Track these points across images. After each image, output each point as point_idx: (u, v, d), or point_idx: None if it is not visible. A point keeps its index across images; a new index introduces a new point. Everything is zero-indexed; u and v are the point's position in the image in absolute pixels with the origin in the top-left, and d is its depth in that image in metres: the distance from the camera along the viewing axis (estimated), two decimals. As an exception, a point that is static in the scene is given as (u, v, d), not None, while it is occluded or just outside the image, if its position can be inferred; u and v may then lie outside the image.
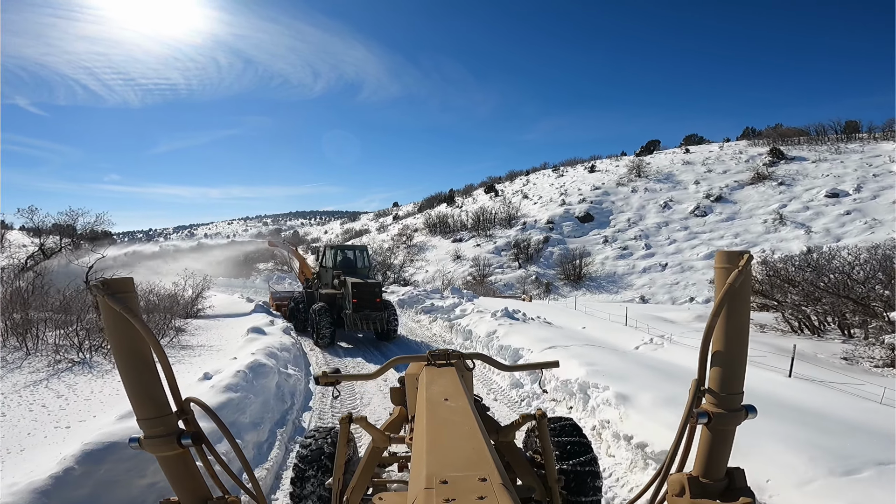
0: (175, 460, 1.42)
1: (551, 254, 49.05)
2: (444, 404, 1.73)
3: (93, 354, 8.05)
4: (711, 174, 58.86)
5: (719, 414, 1.38)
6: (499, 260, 49.81)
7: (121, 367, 1.38)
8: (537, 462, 2.65)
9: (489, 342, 9.84)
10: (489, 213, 60.78)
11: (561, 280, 44.66)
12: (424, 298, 16.14)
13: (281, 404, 6.61)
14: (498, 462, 1.22)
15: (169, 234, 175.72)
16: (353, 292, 11.04)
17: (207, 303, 15.39)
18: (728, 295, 1.34)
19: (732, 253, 1.36)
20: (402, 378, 2.87)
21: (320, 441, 3.00)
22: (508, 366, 2.76)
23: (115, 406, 5.28)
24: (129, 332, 1.35)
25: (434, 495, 1.01)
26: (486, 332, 10.32)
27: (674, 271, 41.62)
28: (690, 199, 53.14)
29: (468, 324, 11.49)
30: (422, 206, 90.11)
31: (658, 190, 57.38)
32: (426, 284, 47.01)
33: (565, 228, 53.34)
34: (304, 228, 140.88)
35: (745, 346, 1.40)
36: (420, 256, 51.70)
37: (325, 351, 10.73)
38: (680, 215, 50.91)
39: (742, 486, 1.39)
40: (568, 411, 6.67)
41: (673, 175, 61.13)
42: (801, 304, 13.46)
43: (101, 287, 1.33)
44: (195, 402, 1.50)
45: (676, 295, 38.32)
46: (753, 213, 48.35)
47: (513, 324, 10.67)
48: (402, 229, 69.83)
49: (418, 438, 1.45)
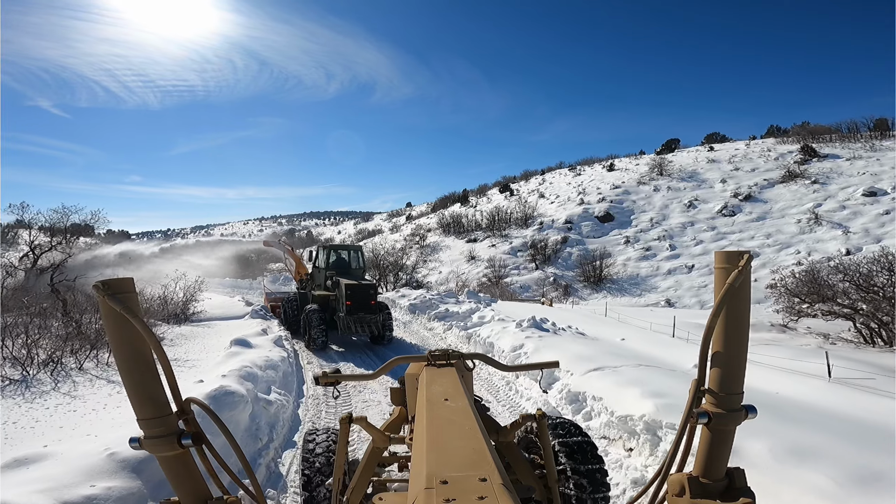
0: (175, 460, 1.41)
1: (570, 255, 47.11)
2: (444, 404, 1.72)
3: (41, 369, 6.69)
4: (739, 172, 56.22)
5: (719, 414, 1.36)
6: (515, 261, 48.03)
7: (121, 368, 1.37)
8: (537, 462, 2.64)
9: (516, 359, 8.25)
10: (504, 213, 58.99)
11: (580, 282, 42.73)
12: (438, 303, 14.59)
13: (253, 443, 5.13)
14: (498, 462, 1.20)
15: (186, 233, 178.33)
16: (347, 294, 10.57)
17: (201, 306, 14.13)
18: (728, 295, 1.33)
19: (732, 253, 1.35)
20: (402, 378, 2.80)
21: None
22: (509, 366, 2.75)
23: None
24: (130, 333, 1.35)
25: (434, 495, 1.00)
26: (510, 346, 8.72)
27: (701, 273, 39.39)
28: (717, 198, 50.68)
29: (489, 334, 9.90)
30: (435, 206, 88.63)
31: (682, 189, 54.96)
32: (439, 286, 45.51)
33: (584, 228, 51.30)
34: (317, 229, 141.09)
35: (744, 346, 1.38)
36: (433, 257, 50.15)
37: (317, 355, 10.18)
38: (706, 215, 48.51)
39: (742, 487, 1.38)
40: (627, 455, 5.07)
41: (697, 173, 58.62)
42: (874, 313, 11.59)
43: (102, 287, 1.32)
44: (195, 402, 1.50)
45: (705, 298, 36.15)
46: (786, 213, 45.76)
47: (542, 336, 9.06)
48: (415, 229, 68.42)
49: (418, 438, 1.46)
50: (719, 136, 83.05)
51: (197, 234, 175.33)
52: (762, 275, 38.17)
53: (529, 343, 8.59)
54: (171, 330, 10.60)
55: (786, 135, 69.68)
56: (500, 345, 9.11)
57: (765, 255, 40.37)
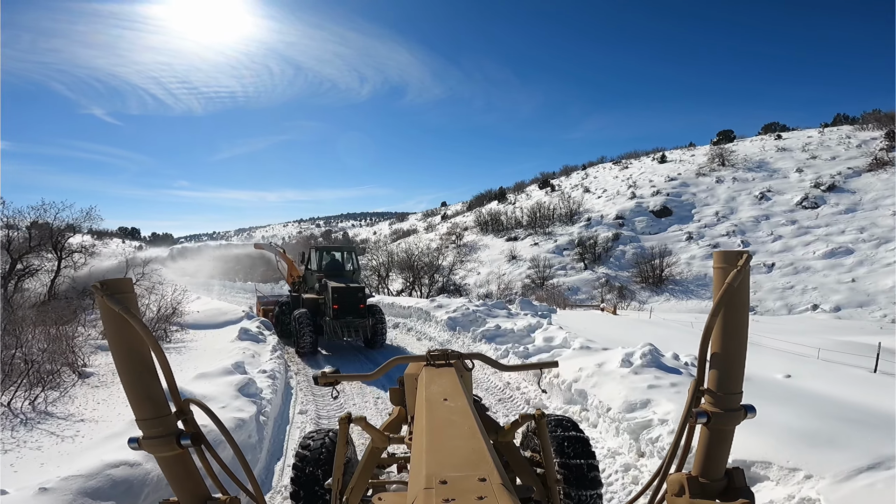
0: (174, 461, 1.40)
1: (623, 253, 42.40)
2: (443, 404, 1.71)
3: None
4: (817, 161, 49.60)
5: (718, 414, 1.35)
6: (561, 260, 43.78)
7: (120, 368, 1.36)
8: (536, 461, 2.56)
9: (643, 436, 4.60)
10: (546, 209, 54.67)
11: (637, 283, 38.07)
12: (485, 317, 11.08)
13: None
14: (497, 462, 1.20)
15: (230, 236, 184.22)
16: (334, 297, 9.98)
17: (187, 318, 11.35)
18: (727, 295, 1.32)
19: (731, 253, 1.34)
20: (402, 378, 2.77)
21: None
22: (508, 366, 2.73)
23: None
24: (128, 333, 1.34)
25: (433, 495, 0.99)
26: (624, 404, 5.08)
27: (784, 273, 33.95)
28: (795, 189, 44.56)
29: (577, 376, 6.24)
30: (471, 204, 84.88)
31: (750, 179, 48.97)
32: (478, 288, 41.86)
33: (638, 224, 46.35)
34: (353, 230, 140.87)
35: (743, 346, 1.37)
36: (471, 257, 46.47)
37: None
38: (783, 207, 42.60)
39: (741, 486, 1.37)
40: None
41: (766, 163, 52.34)
42: None
43: (100, 287, 1.31)
44: (194, 402, 1.48)
45: (792, 301, 30.90)
46: (879, 204, 39.35)
47: (676, 384, 5.37)
48: (451, 228, 65.05)
49: (417, 438, 1.45)
50: (779, 125, 75.63)
51: (239, 235, 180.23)
52: (860, 274, 32.37)
53: (661, 398, 4.95)
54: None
55: (855, 123, 62.12)
56: (602, 398, 5.48)
57: (860, 251, 34.48)
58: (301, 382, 7.88)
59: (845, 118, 69.78)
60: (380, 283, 33.72)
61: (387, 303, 15.10)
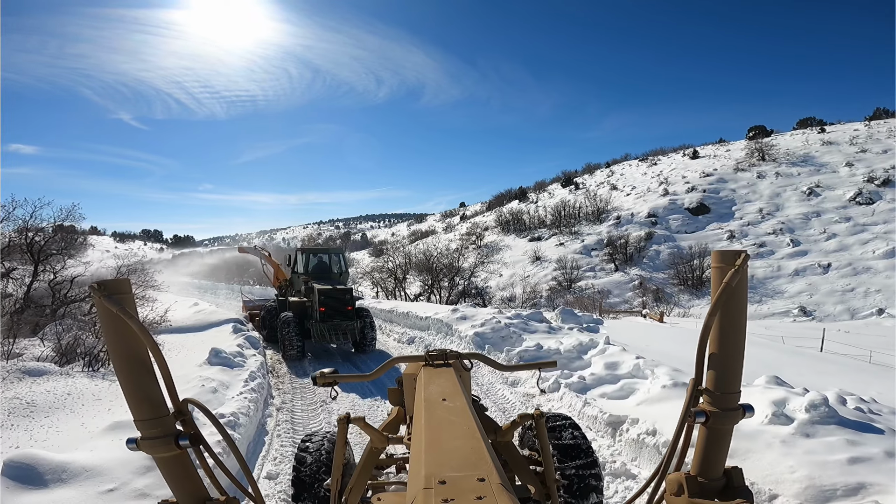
0: (173, 461, 1.39)
1: (657, 253, 39.54)
2: (442, 404, 1.69)
3: None
4: (867, 154, 45.80)
5: (717, 413, 1.34)
6: (589, 261, 41.13)
7: (117, 369, 1.35)
8: (535, 461, 2.56)
9: None
10: (572, 208, 52.03)
11: (675, 285, 35.22)
12: (520, 332, 8.88)
13: None
14: (496, 462, 1.19)
15: (252, 238, 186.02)
16: (321, 300, 9.76)
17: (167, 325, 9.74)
18: (725, 294, 1.31)
19: (729, 252, 1.33)
20: (400, 379, 2.72)
21: None
22: (507, 366, 2.70)
23: None
24: (126, 334, 1.32)
25: (433, 495, 0.98)
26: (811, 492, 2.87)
27: (842, 274, 30.74)
28: (846, 184, 41.00)
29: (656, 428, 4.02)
30: (490, 205, 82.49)
31: (795, 174, 45.45)
32: (501, 291, 39.50)
33: (672, 222, 43.36)
34: (371, 231, 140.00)
35: (742, 346, 1.36)
36: (493, 258, 44.21)
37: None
38: (834, 203, 39.12)
39: (740, 486, 1.36)
40: None
41: (812, 157, 48.67)
42: None
43: (98, 288, 1.30)
44: (193, 403, 1.48)
45: (854, 305, 27.77)
46: (942, 199, 35.68)
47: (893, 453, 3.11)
48: (471, 228, 62.80)
49: (416, 439, 1.44)
50: (815, 120, 71.17)
51: (261, 237, 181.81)
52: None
53: (881, 479, 2.76)
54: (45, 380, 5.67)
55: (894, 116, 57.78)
56: (756, 478, 3.26)
57: (927, 251, 30.98)
58: (284, 433, 5.71)
59: (886, 112, 65.23)
60: (396, 286, 31.77)
61: (401, 311, 13.05)
